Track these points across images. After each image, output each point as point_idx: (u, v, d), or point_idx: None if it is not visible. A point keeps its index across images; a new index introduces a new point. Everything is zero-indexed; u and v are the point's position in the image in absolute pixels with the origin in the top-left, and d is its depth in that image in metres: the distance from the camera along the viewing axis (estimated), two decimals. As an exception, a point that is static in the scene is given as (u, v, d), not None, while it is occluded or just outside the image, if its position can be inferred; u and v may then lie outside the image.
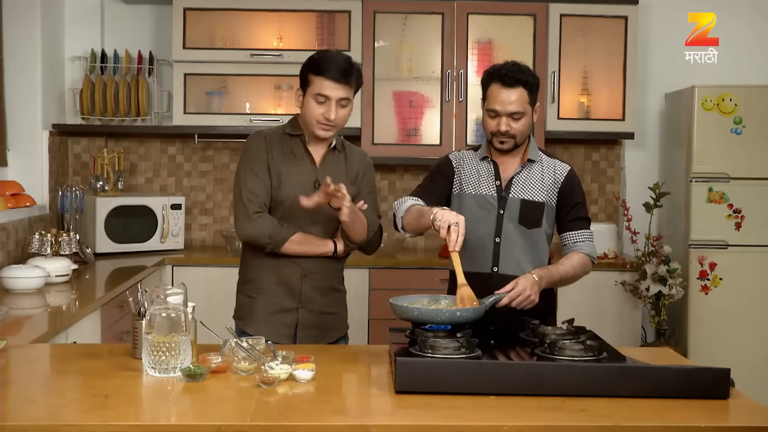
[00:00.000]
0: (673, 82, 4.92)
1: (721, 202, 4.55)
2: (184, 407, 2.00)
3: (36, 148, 4.41)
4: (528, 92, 2.68)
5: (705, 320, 4.57)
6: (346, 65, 2.69)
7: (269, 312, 2.78)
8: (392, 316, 2.44)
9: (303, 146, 2.79)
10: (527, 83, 2.67)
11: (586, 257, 2.76)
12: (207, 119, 4.67)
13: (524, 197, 2.75)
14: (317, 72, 2.68)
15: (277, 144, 2.77)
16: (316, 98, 2.68)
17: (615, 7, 4.72)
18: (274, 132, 2.82)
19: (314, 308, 2.81)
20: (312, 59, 2.74)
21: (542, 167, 2.78)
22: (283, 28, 4.70)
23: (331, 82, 2.67)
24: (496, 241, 2.75)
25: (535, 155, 2.78)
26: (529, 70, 2.72)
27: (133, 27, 4.93)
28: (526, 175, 2.76)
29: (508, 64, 2.72)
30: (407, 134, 4.75)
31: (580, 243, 2.77)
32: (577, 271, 2.73)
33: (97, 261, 4.26)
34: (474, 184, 2.79)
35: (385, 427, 1.85)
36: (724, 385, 2.05)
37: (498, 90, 2.68)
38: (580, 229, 2.78)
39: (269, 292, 2.79)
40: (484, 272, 2.74)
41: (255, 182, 2.72)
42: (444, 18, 4.68)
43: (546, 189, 2.76)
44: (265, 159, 2.74)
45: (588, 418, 1.90)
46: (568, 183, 2.78)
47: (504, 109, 2.67)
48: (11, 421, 1.80)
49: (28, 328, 2.88)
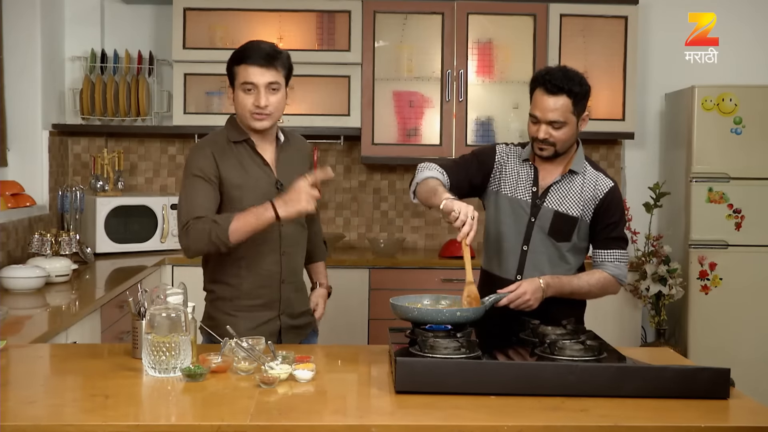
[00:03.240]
0: (673, 82, 4.92)
1: (721, 202, 4.55)
2: (184, 407, 2.00)
3: (36, 148, 4.41)
4: (573, 101, 2.56)
5: (705, 320, 4.57)
6: (269, 50, 2.59)
7: (250, 328, 2.62)
8: (392, 316, 2.44)
9: (252, 151, 2.66)
10: (572, 92, 2.55)
11: (609, 277, 2.66)
12: (207, 119, 4.66)
13: (558, 209, 2.65)
14: (240, 61, 2.59)
15: (226, 156, 2.62)
16: (244, 88, 2.58)
17: (615, 7, 4.72)
18: (216, 142, 2.65)
19: (293, 312, 2.74)
20: (234, 52, 2.65)
21: (584, 180, 2.67)
22: (283, 28, 4.69)
23: (255, 68, 2.56)
24: (524, 249, 2.67)
25: (579, 167, 2.67)
26: (577, 77, 2.59)
27: (133, 27, 4.93)
28: (565, 186, 2.67)
29: (555, 70, 2.61)
30: (407, 134, 4.76)
31: (607, 263, 2.67)
32: (593, 288, 2.65)
33: (97, 261, 4.26)
34: (512, 186, 2.71)
35: (385, 427, 1.85)
36: (724, 385, 2.05)
37: (541, 96, 2.57)
38: (613, 249, 2.67)
39: (249, 307, 2.66)
40: (508, 278, 2.67)
41: (195, 195, 2.56)
42: (444, 18, 4.68)
43: (583, 203, 2.65)
44: (214, 171, 2.58)
45: (588, 418, 1.90)
46: (607, 200, 2.66)
47: (544, 117, 2.57)
48: (11, 421, 1.80)
49: (28, 328, 2.88)
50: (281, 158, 2.70)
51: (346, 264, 4.47)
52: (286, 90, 2.64)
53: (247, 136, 2.65)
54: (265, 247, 2.64)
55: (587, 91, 2.61)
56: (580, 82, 2.59)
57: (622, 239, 2.70)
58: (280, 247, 2.67)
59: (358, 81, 4.66)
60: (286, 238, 2.69)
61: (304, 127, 4.30)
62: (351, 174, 5.06)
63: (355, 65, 4.65)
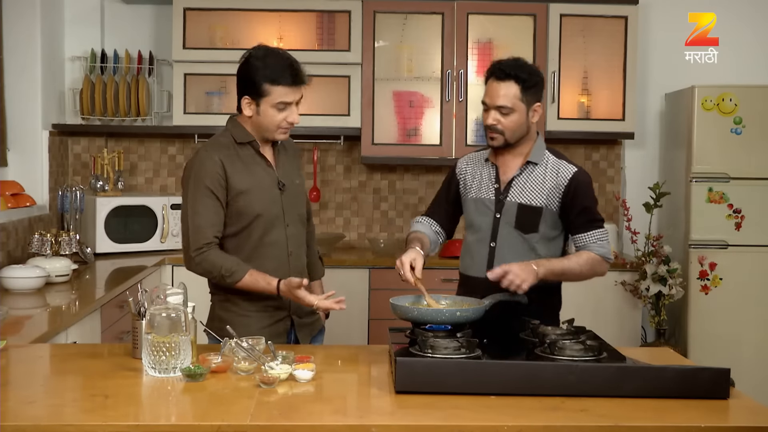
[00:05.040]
0: (673, 82, 4.92)
1: (721, 202, 4.55)
2: (184, 407, 2.00)
3: (36, 148, 4.41)
4: (521, 87, 2.61)
5: (705, 320, 4.57)
6: (296, 66, 2.62)
7: (262, 326, 2.66)
8: (392, 316, 2.44)
9: (256, 152, 2.69)
10: (519, 77, 2.60)
11: (596, 256, 2.67)
12: (207, 119, 4.66)
13: (521, 201, 2.67)
14: (273, 81, 2.58)
15: (232, 159, 2.65)
16: (277, 106, 2.60)
17: (615, 7, 4.72)
18: (221, 145, 2.68)
19: (302, 310, 2.75)
20: (259, 65, 2.59)
21: (545, 169, 2.68)
22: (283, 28, 4.70)
23: (289, 88, 2.59)
24: (491, 246, 2.70)
25: (538, 157, 2.70)
26: (527, 66, 2.65)
27: (133, 27, 4.93)
28: (526, 178, 2.69)
29: (508, 59, 2.68)
30: (407, 134, 4.75)
31: (591, 244, 2.68)
32: (583, 268, 2.66)
33: (97, 261, 4.26)
34: (476, 187, 2.76)
35: (385, 427, 1.85)
36: (724, 385, 2.06)
37: (491, 83, 2.65)
38: (592, 230, 2.68)
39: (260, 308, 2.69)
40: (480, 276, 2.68)
41: (205, 212, 2.61)
42: (444, 18, 4.68)
43: (547, 192, 2.66)
44: (222, 182, 2.61)
45: (588, 418, 1.91)
46: (572, 186, 2.66)
47: (492, 102, 2.63)
48: (11, 421, 1.80)
49: (28, 328, 2.88)
50: (280, 158, 2.76)
51: (346, 264, 4.47)
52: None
53: (252, 138, 2.68)
54: (273, 249, 2.69)
55: (538, 82, 2.65)
56: (530, 71, 2.64)
57: (598, 220, 2.71)
58: (287, 248, 2.71)
59: (358, 81, 4.66)
60: (292, 238, 2.74)
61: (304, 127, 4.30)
62: (351, 174, 5.06)
63: (355, 65, 4.65)
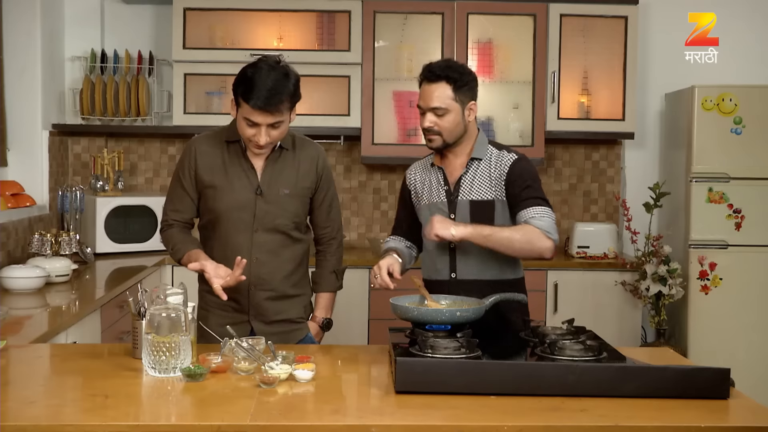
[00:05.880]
0: (673, 82, 4.92)
1: (721, 202, 4.55)
2: (184, 407, 2.00)
3: (36, 148, 4.41)
4: (453, 88, 2.59)
5: (705, 320, 4.57)
6: (273, 91, 2.47)
7: (219, 325, 2.62)
8: (392, 316, 2.44)
9: (242, 152, 2.66)
10: (449, 78, 2.59)
11: (535, 229, 2.53)
12: (207, 119, 4.66)
13: (472, 198, 2.66)
14: (244, 98, 2.50)
15: (212, 154, 2.66)
16: (246, 121, 2.53)
17: (615, 7, 4.72)
18: (208, 138, 2.70)
19: (266, 318, 2.73)
20: (243, 77, 2.53)
21: (490, 163, 2.67)
22: (283, 28, 4.70)
23: (255, 111, 2.49)
24: (451, 247, 2.68)
25: (481, 153, 2.68)
26: (458, 66, 2.65)
27: (133, 27, 4.93)
28: (473, 174, 2.67)
29: (438, 61, 2.68)
30: (407, 134, 4.76)
31: (530, 219, 2.56)
32: (516, 234, 2.53)
33: (97, 261, 4.26)
34: (428, 193, 2.74)
35: (385, 427, 1.85)
36: (724, 385, 2.05)
37: (424, 86, 2.64)
38: (532, 206, 2.58)
39: (220, 305, 2.70)
40: (443, 279, 2.69)
41: (173, 195, 2.78)
42: (444, 18, 4.68)
43: (494, 184, 2.65)
44: (191, 172, 2.68)
45: (588, 418, 1.91)
46: (514, 171, 2.63)
47: (426, 104, 2.62)
48: (11, 421, 1.80)
49: (28, 328, 2.88)
50: (271, 166, 2.68)
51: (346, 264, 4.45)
52: (291, 113, 2.60)
53: (239, 138, 2.65)
54: (236, 251, 2.64)
55: (469, 81, 2.64)
56: (461, 71, 2.64)
57: (540, 198, 2.61)
58: (251, 254, 2.66)
59: (358, 81, 4.66)
60: (260, 245, 2.69)
61: (304, 127, 4.30)
62: (351, 174, 5.06)
63: (355, 65, 4.65)
